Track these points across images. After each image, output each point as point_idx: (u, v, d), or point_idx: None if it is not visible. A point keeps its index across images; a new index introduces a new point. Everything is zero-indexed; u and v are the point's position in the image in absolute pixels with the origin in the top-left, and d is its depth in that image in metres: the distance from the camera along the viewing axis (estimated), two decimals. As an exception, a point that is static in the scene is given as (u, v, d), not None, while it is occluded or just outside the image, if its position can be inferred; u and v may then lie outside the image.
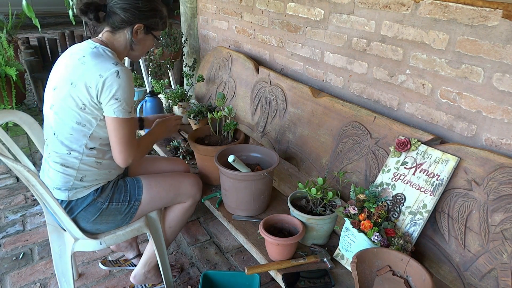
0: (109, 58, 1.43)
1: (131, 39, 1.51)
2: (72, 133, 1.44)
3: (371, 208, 1.42)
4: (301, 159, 1.93)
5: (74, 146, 1.45)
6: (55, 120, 1.45)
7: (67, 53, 1.51)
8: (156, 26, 1.55)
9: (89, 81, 1.38)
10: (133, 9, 1.46)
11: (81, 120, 1.42)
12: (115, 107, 1.39)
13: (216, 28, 2.86)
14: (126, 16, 1.46)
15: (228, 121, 1.98)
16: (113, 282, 2.00)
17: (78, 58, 1.43)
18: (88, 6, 1.44)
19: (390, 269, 1.26)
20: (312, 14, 1.99)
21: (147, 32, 1.53)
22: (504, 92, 1.32)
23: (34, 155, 3.25)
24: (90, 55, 1.42)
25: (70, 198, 1.49)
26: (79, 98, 1.39)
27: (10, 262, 2.11)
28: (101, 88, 1.37)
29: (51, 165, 1.49)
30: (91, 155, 1.48)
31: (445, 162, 1.39)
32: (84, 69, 1.39)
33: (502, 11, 1.28)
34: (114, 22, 1.47)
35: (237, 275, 1.77)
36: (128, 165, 1.50)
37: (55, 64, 1.53)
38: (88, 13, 1.45)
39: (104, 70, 1.37)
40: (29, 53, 4.18)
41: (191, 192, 1.75)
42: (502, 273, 1.22)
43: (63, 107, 1.42)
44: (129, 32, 1.49)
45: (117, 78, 1.37)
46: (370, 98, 1.81)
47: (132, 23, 1.48)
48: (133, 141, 1.48)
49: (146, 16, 1.49)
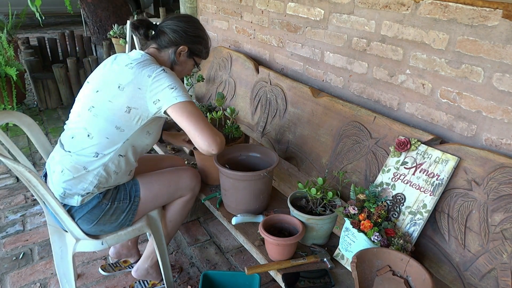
0: (154, 63, 1.50)
1: (174, 59, 1.59)
2: (108, 137, 1.45)
3: (371, 208, 1.42)
4: (301, 159, 1.93)
5: (106, 150, 1.46)
6: (92, 122, 1.46)
7: (112, 59, 1.57)
8: (199, 52, 1.65)
9: (138, 83, 1.42)
10: (182, 31, 1.57)
11: (121, 124, 1.44)
12: (175, 94, 1.41)
13: (216, 28, 2.86)
14: (174, 36, 1.57)
15: (229, 122, 1.97)
16: (113, 282, 2.00)
17: (125, 64, 1.48)
18: (141, 23, 1.57)
19: (390, 269, 1.26)
20: (312, 14, 1.99)
21: (189, 56, 1.63)
22: (504, 92, 1.32)
23: (34, 155, 3.25)
24: (137, 61, 1.48)
25: (80, 203, 1.49)
26: (126, 101, 1.42)
27: (10, 262, 2.11)
28: (153, 86, 1.41)
29: (67, 166, 1.47)
30: (116, 162, 1.49)
31: (445, 162, 1.39)
32: (132, 73, 1.44)
33: (502, 11, 1.28)
34: (161, 41, 1.58)
35: (237, 275, 1.77)
36: (219, 148, 1.44)
37: (98, 68, 1.59)
38: (139, 29, 1.57)
39: (151, 71, 1.44)
40: (29, 53, 4.19)
41: (191, 185, 1.76)
42: (502, 273, 1.22)
43: (104, 109, 1.44)
44: (173, 52, 1.58)
45: (165, 73, 1.44)
46: (370, 98, 1.81)
47: (178, 44, 1.58)
48: (209, 123, 1.46)
49: (192, 40, 1.60)
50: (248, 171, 1.67)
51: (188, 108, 1.42)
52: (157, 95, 1.41)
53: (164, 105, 1.41)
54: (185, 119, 1.41)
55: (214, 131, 1.45)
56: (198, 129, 1.41)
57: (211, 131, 1.43)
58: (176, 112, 1.41)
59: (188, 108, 1.42)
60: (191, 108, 1.42)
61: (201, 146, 1.43)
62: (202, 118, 1.44)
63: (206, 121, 1.45)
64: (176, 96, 1.40)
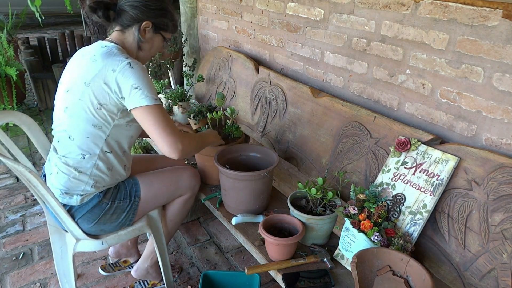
0: (119, 54, 1.42)
1: (139, 37, 1.50)
2: (89, 136, 1.43)
3: (371, 208, 1.42)
4: (301, 159, 1.93)
5: (90, 150, 1.44)
6: (70, 124, 1.44)
7: (78, 54, 1.51)
8: (165, 26, 1.54)
9: (103, 78, 1.37)
10: (142, 6, 1.46)
11: (97, 122, 1.41)
12: (138, 96, 1.36)
13: (216, 28, 2.86)
14: (135, 13, 1.46)
15: (229, 122, 1.97)
16: (113, 282, 2.00)
17: (89, 57, 1.42)
18: (97, 4, 1.44)
19: (390, 269, 1.25)
20: (312, 14, 1.99)
21: (155, 32, 1.53)
22: (504, 92, 1.32)
23: (34, 155, 3.25)
24: (101, 53, 1.41)
25: (79, 202, 1.49)
26: (95, 97, 1.38)
27: (10, 262, 2.11)
28: (117, 82, 1.36)
29: (61, 168, 1.47)
30: (105, 159, 1.47)
31: (445, 162, 1.38)
32: (96, 67, 1.38)
33: (502, 11, 1.28)
34: (123, 20, 1.47)
35: (237, 275, 1.77)
36: (182, 154, 1.42)
37: (66, 66, 1.53)
38: (97, 11, 1.45)
39: (116, 65, 1.37)
40: (29, 53, 4.19)
41: (190, 184, 1.76)
42: (502, 273, 1.22)
43: (78, 109, 1.41)
44: (136, 29, 1.49)
45: (130, 69, 1.37)
46: (370, 98, 1.81)
47: (140, 20, 1.47)
48: (173, 127, 1.42)
49: (155, 14, 1.49)
50: (248, 171, 1.67)
51: (153, 112, 1.38)
52: (122, 92, 1.37)
53: (129, 105, 1.39)
54: (147, 123, 1.39)
55: (177, 137, 1.41)
56: (160, 134, 1.39)
57: (174, 137, 1.40)
58: (139, 114, 1.39)
59: (152, 112, 1.38)
60: (155, 112, 1.38)
61: (162, 151, 1.42)
62: (165, 122, 1.40)
63: (170, 125, 1.41)
64: (140, 99, 1.35)
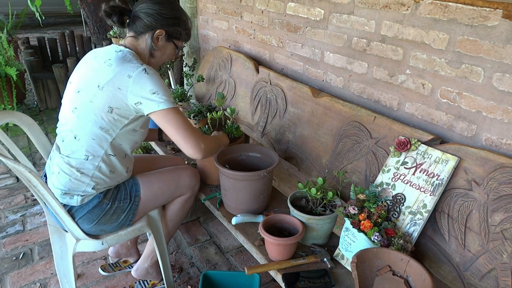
0: (134, 60, 1.44)
1: (151, 45, 1.52)
2: (94, 138, 1.43)
3: (371, 208, 1.42)
4: (301, 159, 1.93)
5: (94, 151, 1.45)
6: (77, 124, 1.44)
7: (90, 55, 1.51)
8: (178, 35, 1.56)
9: (118, 83, 1.38)
10: (156, 14, 1.48)
11: (105, 125, 1.42)
12: (157, 100, 1.38)
13: (216, 28, 2.86)
14: (149, 20, 1.48)
15: (229, 122, 1.97)
16: (113, 282, 2.00)
17: (103, 61, 1.43)
18: (113, 9, 1.47)
19: (390, 269, 1.26)
20: (312, 14, 1.99)
21: (168, 40, 1.55)
22: (504, 92, 1.32)
23: (34, 155, 3.25)
24: (116, 58, 1.42)
25: (80, 203, 1.49)
26: (107, 101, 1.39)
27: (10, 262, 2.11)
28: (133, 88, 1.37)
29: (63, 168, 1.47)
30: (108, 162, 1.48)
31: (445, 162, 1.39)
32: (111, 72, 1.39)
33: (502, 11, 1.28)
34: (137, 26, 1.49)
35: (237, 275, 1.77)
36: (205, 153, 1.46)
37: (77, 67, 1.53)
38: (112, 16, 1.48)
39: (131, 71, 1.39)
40: (29, 53, 4.19)
41: (190, 184, 1.76)
42: (502, 273, 1.22)
43: (87, 110, 1.42)
44: (150, 37, 1.50)
45: (146, 74, 1.39)
46: (370, 98, 1.81)
47: (154, 28, 1.49)
48: (194, 128, 1.45)
49: (169, 23, 1.51)
50: (248, 171, 1.67)
51: (172, 115, 1.40)
52: (138, 98, 1.38)
53: (146, 110, 1.40)
54: (169, 126, 1.41)
55: (199, 138, 1.45)
56: (183, 136, 1.41)
57: (196, 138, 1.43)
58: (159, 118, 1.41)
59: (173, 115, 1.40)
60: (175, 115, 1.41)
61: (186, 152, 1.45)
62: (186, 124, 1.43)
63: (191, 127, 1.44)
64: (159, 103, 1.38)
